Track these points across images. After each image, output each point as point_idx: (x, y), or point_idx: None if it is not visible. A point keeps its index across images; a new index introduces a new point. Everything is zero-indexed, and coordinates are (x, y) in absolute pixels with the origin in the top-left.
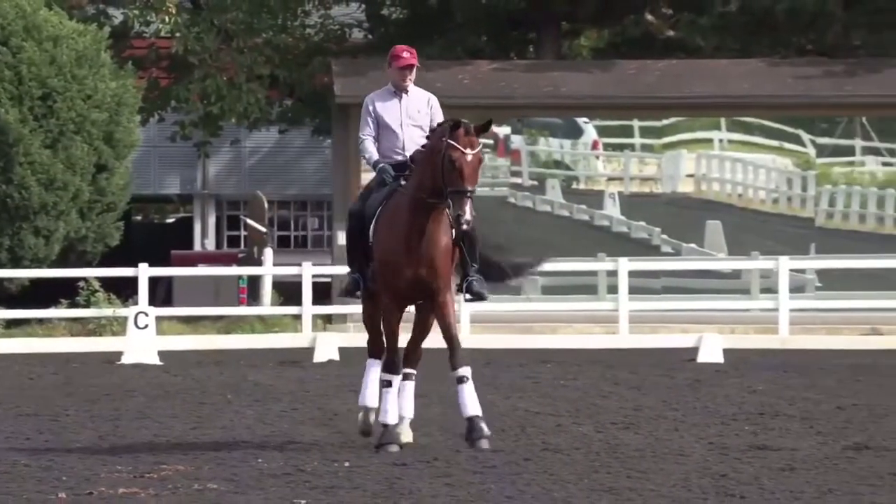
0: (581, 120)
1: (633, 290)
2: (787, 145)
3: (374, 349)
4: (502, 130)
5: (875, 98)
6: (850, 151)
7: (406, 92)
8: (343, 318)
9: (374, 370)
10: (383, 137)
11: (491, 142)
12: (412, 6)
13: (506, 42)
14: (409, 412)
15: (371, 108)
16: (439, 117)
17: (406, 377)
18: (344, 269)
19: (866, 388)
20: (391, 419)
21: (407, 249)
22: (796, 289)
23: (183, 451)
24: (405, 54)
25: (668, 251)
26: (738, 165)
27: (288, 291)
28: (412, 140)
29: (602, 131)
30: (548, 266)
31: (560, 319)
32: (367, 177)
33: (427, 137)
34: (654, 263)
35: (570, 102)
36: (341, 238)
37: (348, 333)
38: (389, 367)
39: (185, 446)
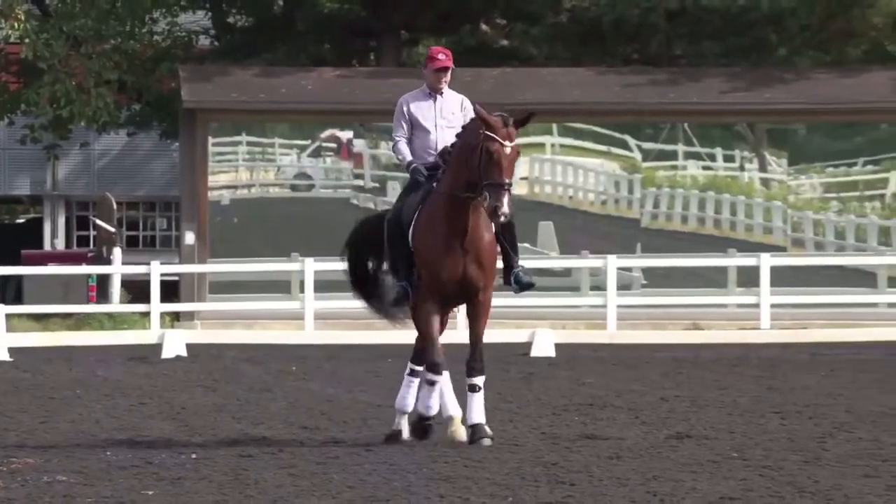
0: None
1: None
2: (614, 150)
3: (434, 364)
4: (345, 135)
5: (696, 105)
6: (673, 156)
7: (441, 94)
8: (190, 316)
9: (445, 380)
10: (417, 138)
11: (334, 146)
12: (257, 14)
13: (348, 50)
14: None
15: (405, 109)
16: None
17: (470, 388)
18: (192, 268)
19: (688, 380)
20: (432, 412)
21: (450, 248)
22: (623, 286)
23: (32, 444)
24: (441, 56)
25: None
26: (568, 169)
27: (136, 290)
28: (445, 141)
29: None
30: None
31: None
32: (215, 179)
33: (457, 136)
34: None
35: None
36: (189, 238)
37: (196, 330)
38: (433, 368)
39: (35, 440)
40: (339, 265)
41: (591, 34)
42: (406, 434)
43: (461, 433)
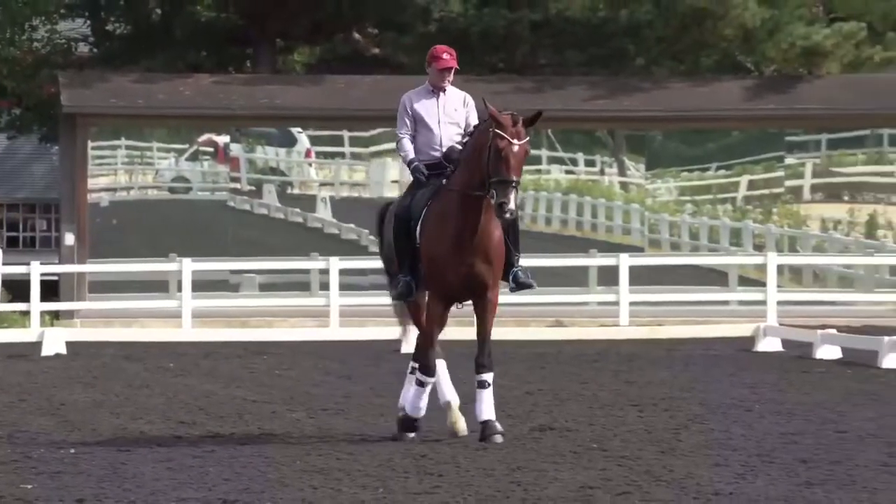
0: (295, 130)
1: (344, 287)
2: None
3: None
4: (222, 139)
5: (559, 112)
6: (537, 161)
7: (444, 91)
8: (70, 315)
9: (441, 368)
10: (421, 135)
11: (211, 150)
12: (135, 22)
13: (225, 57)
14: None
15: (408, 106)
16: (474, 115)
17: (479, 384)
18: (72, 268)
19: (551, 374)
20: (420, 414)
21: (459, 245)
22: None
23: None
24: (445, 56)
25: (376, 251)
26: None
27: (17, 289)
28: (449, 138)
29: (315, 141)
30: (263, 264)
31: (275, 314)
32: (95, 182)
33: (469, 134)
34: (362, 262)
35: (284, 113)
36: (68, 239)
37: (75, 329)
38: (426, 371)
39: None
40: (219, 265)
41: (459, 43)
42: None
43: (461, 425)
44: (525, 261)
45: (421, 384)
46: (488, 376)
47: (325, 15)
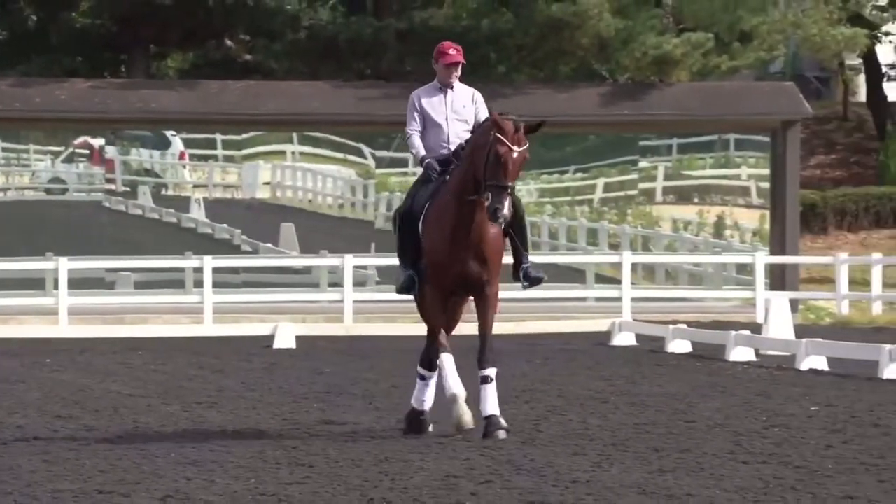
0: (169, 133)
1: (217, 285)
2: (350, 157)
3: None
4: (97, 142)
5: None
6: (404, 163)
7: (451, 88)
8: None
9: (448, 362)
10: (429, 132)
11: (87, 152)
12: (11, 28)
13: (100, 62)
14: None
15: (417, 103)
16: (483, 111)
17: (482, 379)
18: None
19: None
20: (425, 406)
21: (454, 243)
22: (359, 283)
23: None
24: (452, 51)
25: (248, 250)
26: (308, 174)
27: None
28: (457, 134)
29: (188, 143)
30: (138, 263)
31: (151, 311)
32: None
33: (471, 132)
34: (235, 261)
35: (159, 117)
36: None
37: None
38: (428, 365)
39: None
40: (95, 264)
41: (327, 50)
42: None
43: (467, 418)
44: (391, 260)
45: (422, 378)
46: (491, 371)
47: (197, 22)
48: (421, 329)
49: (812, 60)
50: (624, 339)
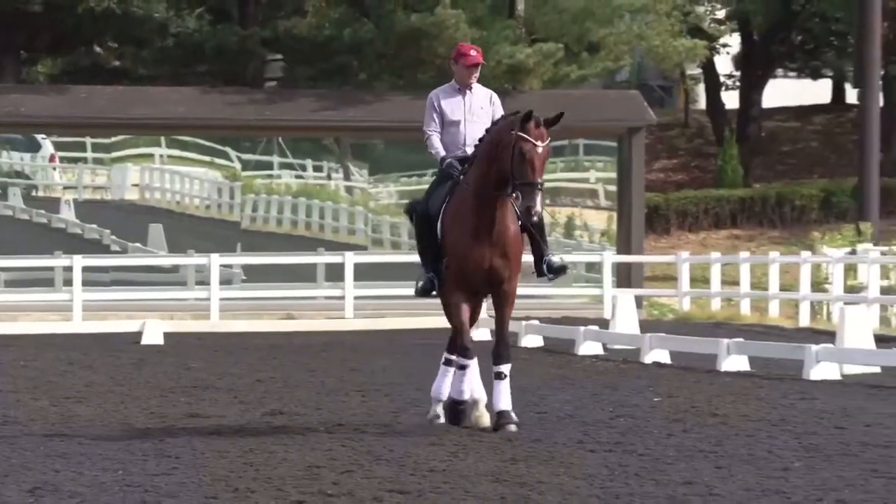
0: (39, 136)
1: (87, 283)
2: (217, 160)
3: (464, 349)
4: None
5: (289, 121)
6: (269, 166)
7: (470, 89)
8: None
9: (473, 370)
10: (447, 132)
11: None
12: None
13: None
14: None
15: (436, 103)
16: (500, 113)
17: (497, 375)
18: None
19: (281, 363)
20: (465, 396)
21: (477, 241)
22: (225, 281)
23: None
24: (472, 52)
25: (117, 249)
26: (176, 177)
27: None
28: (474, 136)
29: (58, 146)
30: (9, 262)
31: (21, 309)
32: None
33: (487, 130)
34: (104, 260)
35: (29, 121)
36: None
37: None
38: (464, 352)
39: None
40: None
41: (194, 57)
42: (442, 420)
43: (485, 419)
44: (258, 259)
45: (462, 367)
46: (505, 368)
47: (66, 29)
48: (286, 326)
49: (656, 70)
50: (479, 334)
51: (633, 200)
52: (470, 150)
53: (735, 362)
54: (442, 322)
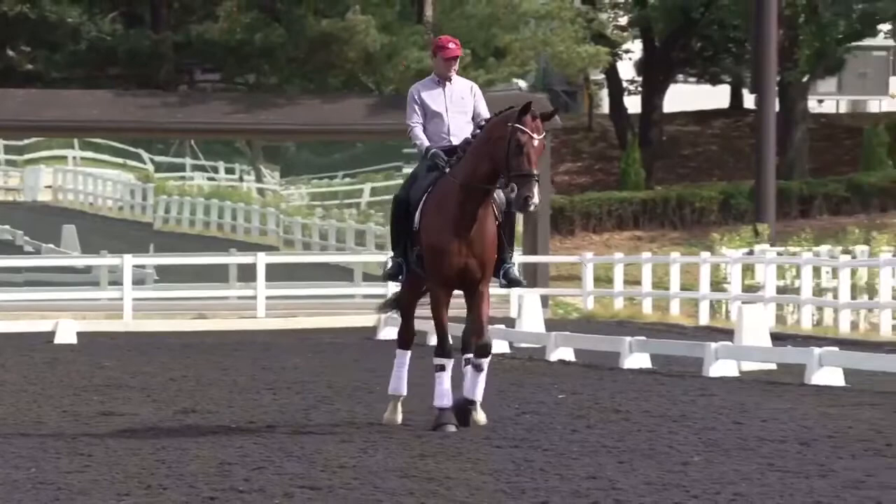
0: None
1: (0, 284)
2: (130, 162)
3: (404, 338)
4: None
5: (201, 124)
6: (181, 168)
7: (450, 81)
8: None
9: (403, 360)
10: (430, 124)
11: None
12: None
13: None
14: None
15: (417, 96)
16: (482, 104)
17: (476, 367)
18: None
19: (194, 362)
20: (446, 402)
21: (458, 236)
22: (138, 281)
23: None
24: (451, 45)
25: (30, 250)
26: (89, 179)
27: None
28: (457, 126)
29: None
30: None
31: None
32: None
33: (480, 126)
34: (17, 260)
35: None
36: None
37: None
38: (441, 352)
39: None
40: None
41: (107, 61)
42: (454, 426)
43: (481, 417)
44: (171, 259)
45: (441, 368)
46: (485, 361)
47: None
48: (198, 325)
49: (560, 75)
50: (389, 333)
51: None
52: (455, 141)
53: (637, 360)
54: (351, 321)
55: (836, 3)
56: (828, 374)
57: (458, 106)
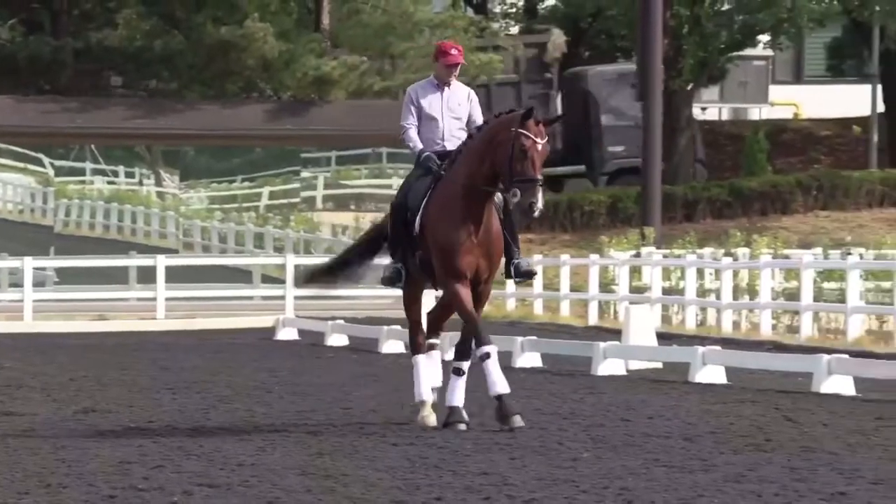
0: None
1: None
2: (30, 166)
3: (416, 344)
4: None
5: (101, 129)
6: (82, 172)
7: (448, 85)
8: None
9: (423, 364)
10: (424, 127)
11: None
12: None
13: None
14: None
15: (413, 98)
16: (477, 110)
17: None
18: None
19: (94, 363)
20: (457, 401)
21: (467, 235)
22: (39, 283)
23: None
24: (454, 51)
25: None
26: None
27: None
28: (451, 131)
29: None
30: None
31: None
32: None
33: (478, 128)
34: None
35: None
36: None
37: None
38: (482, 341)
39: None
40: None
41: (7, 68)
42: (465, 425)
43: (432, 419)
44: (71, 261)
45: (486, 356)
46: (465, 365)
47: None
48: (98, 326)
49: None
50: (287, 333)
51: None
52: (448, 146)
53: (528, 359)
54: (250, 322)
55: (718, 15)
56: (711, 373)
57: (453, 111)
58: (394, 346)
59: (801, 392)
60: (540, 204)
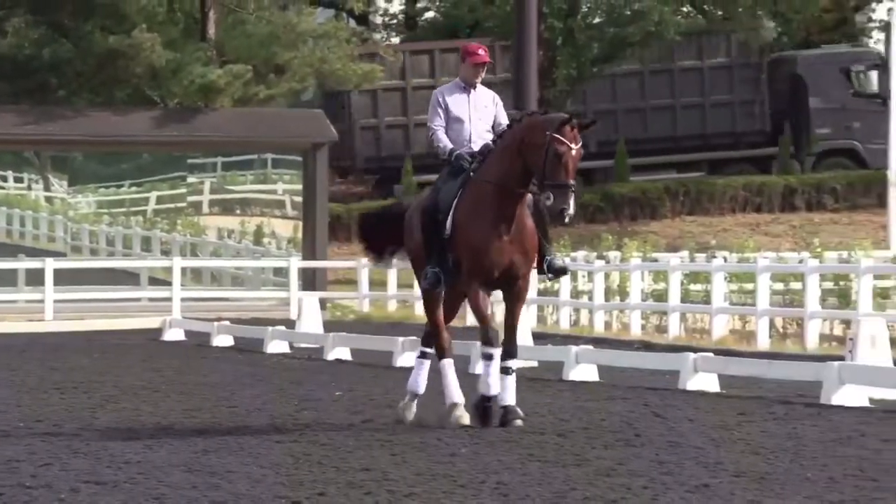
0: None
1: None
2: None
3: (442, 348)
4: None
5: None
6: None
7: (474, 88)
8: None
9: (449, 369)
10: (451, 129)
11: None
12: None
13: None
14: (460, 398)
15: (441, 100)
16: (503, 114)
17: (504, 370)
18: None
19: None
20: (493, 391)
21: (500, 235)
22: None
23: None
24: (480, 52)
25: None
26: None
27: None
28: (478, 133)
29: None
30: None
31: None
32: None
33: (508, 126)
34: None
35: None
36: None
37: None
38: (489, 341)
39: None
40: None
41: None
42: (413, 414)
43: (466, 418)
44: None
45: (489, 357)
46: (513, 363)
47: None
48: (22, 327)
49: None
50: (174, 334)
51: (317, 210)
52: (475, 147)
53: (409, 359)
54: (137, 323)
55: (590, 28)
56: (584, 371)
57: (480, 113)
58: (279, 346)
59: (668, 389)
60: (571, 210)
